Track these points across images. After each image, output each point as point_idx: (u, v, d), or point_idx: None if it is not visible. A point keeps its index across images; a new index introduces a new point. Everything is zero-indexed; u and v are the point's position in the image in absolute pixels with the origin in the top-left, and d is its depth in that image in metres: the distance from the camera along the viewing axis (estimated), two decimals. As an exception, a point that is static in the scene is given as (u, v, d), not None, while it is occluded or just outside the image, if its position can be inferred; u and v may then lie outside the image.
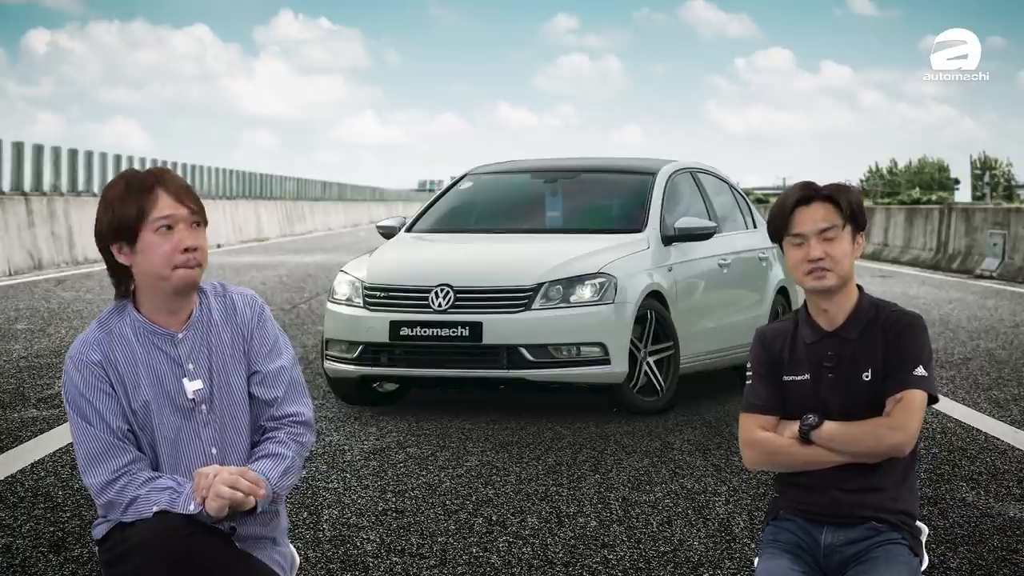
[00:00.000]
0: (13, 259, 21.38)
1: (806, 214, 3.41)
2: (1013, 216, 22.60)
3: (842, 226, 3.40)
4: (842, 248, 3.39)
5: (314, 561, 4.96)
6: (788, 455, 3.41)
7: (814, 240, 3.39)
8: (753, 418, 3.48)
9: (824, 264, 3.38)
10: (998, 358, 11.15)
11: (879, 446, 3.33)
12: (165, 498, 3.13)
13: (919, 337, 3.40)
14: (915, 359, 3.37)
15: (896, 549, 3.35)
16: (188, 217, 3.22)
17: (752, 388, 3.51)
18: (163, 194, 3.21)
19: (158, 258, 3.20)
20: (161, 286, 3.23)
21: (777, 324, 3.58)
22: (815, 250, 3.38)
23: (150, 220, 3.19)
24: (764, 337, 3.54)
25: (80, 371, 3.22)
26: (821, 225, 3.39)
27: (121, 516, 3.18)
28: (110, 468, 3.18)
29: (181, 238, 3.20)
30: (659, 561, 4.98)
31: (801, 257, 3.40)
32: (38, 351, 11.05)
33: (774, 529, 3.50)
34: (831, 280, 3.39)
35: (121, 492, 3.17)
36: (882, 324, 3.41)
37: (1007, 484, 6.34)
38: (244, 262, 25.66)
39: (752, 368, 3.53)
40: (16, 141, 25.03)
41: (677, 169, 9.55)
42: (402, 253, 8.85)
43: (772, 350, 3.49)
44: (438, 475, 6.45)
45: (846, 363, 3.41)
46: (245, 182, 43.57)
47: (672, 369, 8.43)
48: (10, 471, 6.43)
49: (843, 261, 3.39)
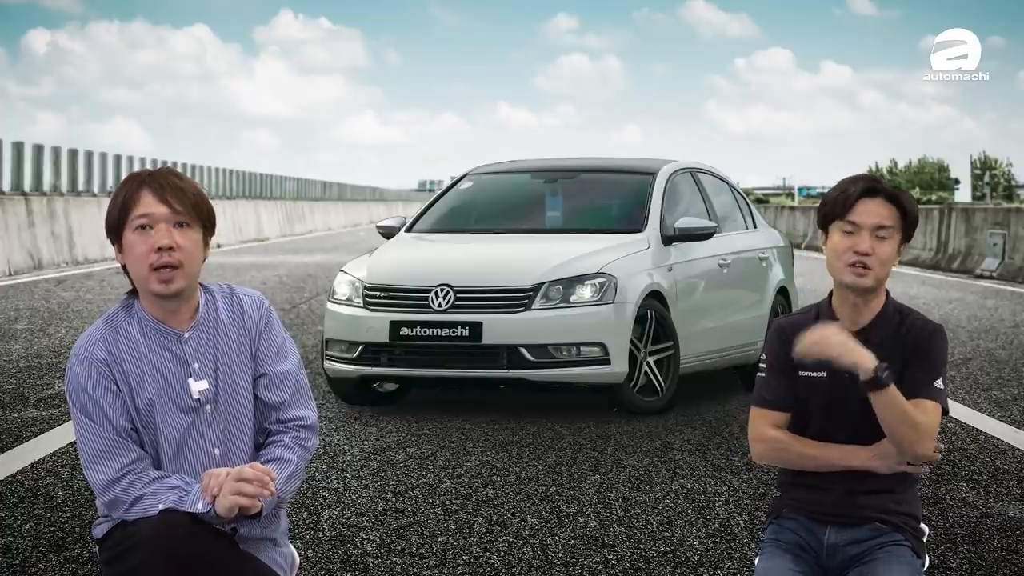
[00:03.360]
0: (13, 259, 21.37)
1: (868, 206, 3.34)
2: (1013, 216, 22.60)
3: (897, 229, 3.35)
4: (889, 251, 3.34)
5: (314, 561, 4.96)
6: (800, 456, 3.36)
7: (867, 234, 3.32)
8: (765, 414, 3.41)
9: (869, 261, 3.32)
10: (998, 358, 11.15)
11: (917, 442, 3.22)
12: (172, 497, 3.11)
13: (941, 350, 3.35)
14: (935, 371, 3.32)
15: (899, 550, 3.33)
16: (169, 216, 3.16)
17: (765, 382, 3.43)
18: (146, 192, 3.17)
19: (135, 258, 3.18)
20: (144, 288, 3.21)
21: (797, 317, 3.48)
22: (865, 243, 3.31)
23: (131, 218, 3.17)
24: (783, 331, 3.44)
25: (85, 368, 3.21)
26: (880, 221, 3.33)
27: (124, 514, 3.17)
28: (115, 466, 3.16)
29: (157, 237, 3.15)
30: (659, 561, 4.98)
31: (847, 247, 3.33)
32: (38, 351, 11.05)
33: (776, 528, 3.47)
34: (869, 280, 3.33)
35: (126, 490, 3.15)
36: (905, 332, 3.36)
37: (1007, 484, 6.34)
38: (244, 262, 25.65)
39: (767, 361, 3.44)
40: (16, 141, 25.03)
41: (677, 169, 9.55)
42: (402, 253, 8.85)
43: (791, 344, 3.37)
44: (438, 475, 6.45)
45: None
46: (245, 182, 43.57)
47: (672, 369, 8.43)
48: (10, 471, 6.43)
49: (886, 265, 3.34)
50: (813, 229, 34.81)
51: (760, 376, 3.46)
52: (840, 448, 3.36)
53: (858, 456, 3.34)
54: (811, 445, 3.38)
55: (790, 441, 3.38)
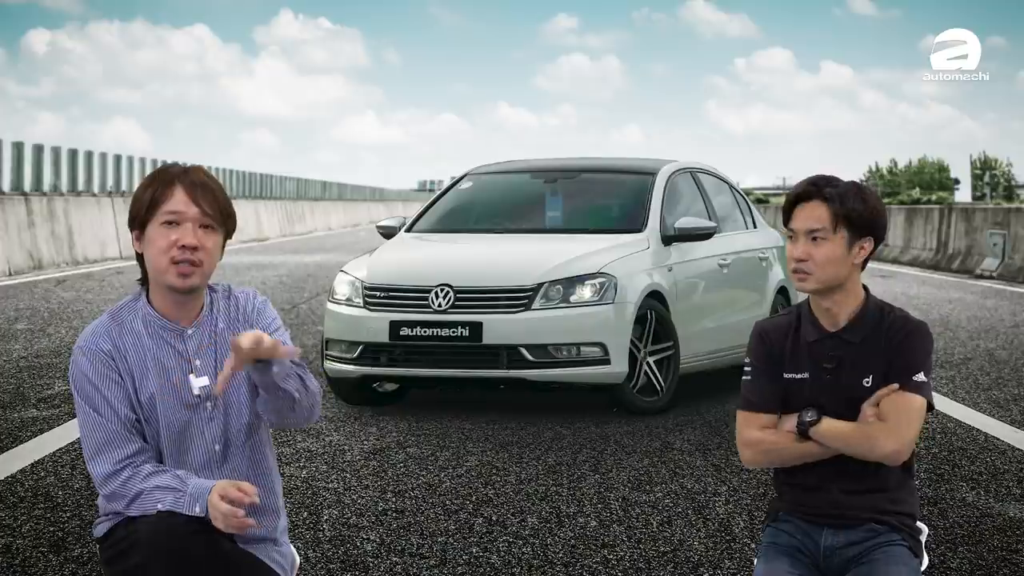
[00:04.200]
0: (13, 259, 21.37)
1: (801, 211, 3.34)
2: (1013, 216, 22.60)
3: (832, 229, 3.30)
4: (828, 252, 3.30)
5: (314, 561, 4.96)
6: (783, 450, 3.35)
7: (802, 239, 3.33)
8: (751, 417, 3.40)
9: (805, 267, 3.32)
10: (998, 358, 11.14)
11: (873, 451, 3.27)
12: (170, 499, 3.12)
13: (923, 344, 3.33)
14: (916, 365, 3.30)
15: (896, 550, 3.32)
16: (198, 217, 3.21)
17: (750, 385, 3.42)
18: (179, 190, 3.21)
19: (157, 251, 3.21)
20: (160, 280, 3.24)
21: (777, 319, 3.48)
22: (798, 250, 3.33)
23: (159, 212, 3.21)
24: (764, 332, 3.44)
25: (89, 359, 3.23)
26: (809, 225, 3.32)
27: (124, 509, 3.18)
28: (114, 458, 3.18)
29: (182, 235, 3.20)
30: (659, 561, 4.98)
31: (790, 253, 3.37)
32: (38, 351, 11.05)
33: (773, 531, 3.46)
34: (810, 284, 3.33)
35: (125, 484, 3.17)
36: (886, 329, 3.34)
37: (1007, 484, 6.34)
38: (244, 262, 25.65)
39: (751, 364, 3.43)
40: (16, 141, 25.04)
41: (677, 169, 9.55)
42: (402, 253, 8.85)
43: (772, 346, 3.40)
44: (438, 475, 6.45)
45: (847, 367, 3.34)
46: (245, 182, 43.58)
47: (672, 369, 8.43)
48: (10, 471, 6.43)
49: (827, 267, 3.30)
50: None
51: (745, 379, 3.45)
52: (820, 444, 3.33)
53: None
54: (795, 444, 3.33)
55: (775, 439, 3.36)
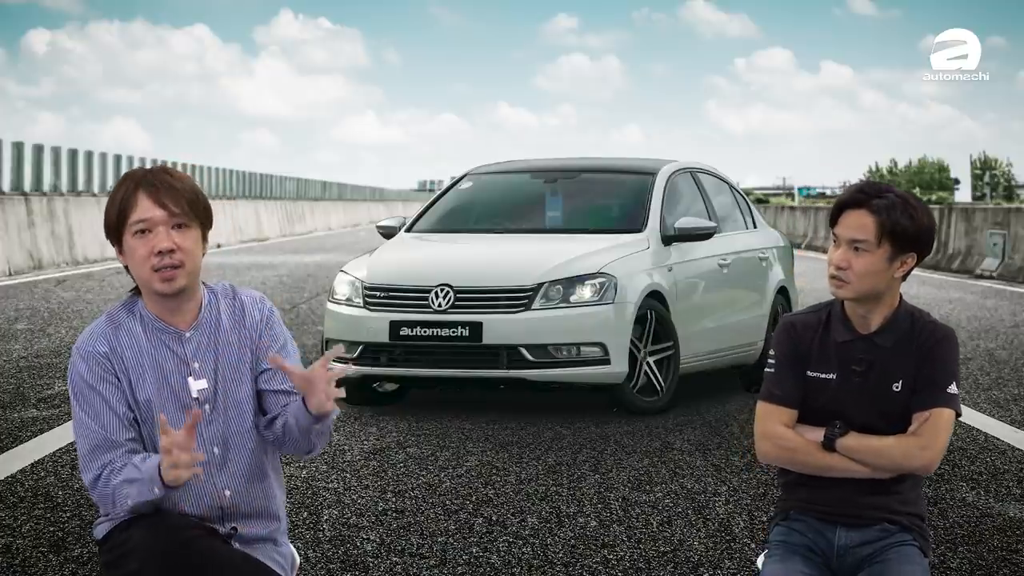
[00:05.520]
0: (13, 259, 21.37)
1: (847, 218, 3.32)
2: (1013, 216, 22.60)
3: (876, 243, 3.28)
4: (867, 264, 3.28)
5: (314, 561, 4.96)
6: (807, 456, 3.33)
7: (844, 246, 3.31)
8: (774, 409, 3.37)
9: (842, 275, 3.30)
10: (998, 358, 11.15)
11: (905, 463, 3.27)
12: (134, 491, 3.10)
13: (953, 353, 3.33)
14: (948, 377, 3.30)
15: (909, 550, 3.33)
16: (167, 219, 3.16)
17: (774, 377, 3.39)
18: (142, 196, 3.17)
19: (138, 261, 3.18)
20: (147, 288, 3.22)
21: (807, 315, 3.44)
22: (838, 255, 3.31)
23: (130, 223, 3.17)
24: (793, 327, 3.41)
25: (86, 362, 3.22)
26: (852, 234, 3.29)
27: (114, 511, 3.17)
28: (97, 464, 3.17)
29: (157, 240, 3.16)
30: (659, 561, 4.98)
31: (830, 257, 3.35)
32: (38, 351, 11.05)
33: (784, 530, 3.43)
34: (846, 292, 3.31)
35: (105, 486, 3.15)
36: (917, 336, 3.34)
37: (1007, 484, 6.34)
38: (244, 262, 25.65)
39: (776, 357, 3.40)
40: (16, 141, 25.02)
41: (677, 169, 9.55)
42: (402, 253, 8.85)
43: (800, 342, 3.37)
44: (438, 475, 6.45)
45: (876, 371, 3.33)
46: (245, 182, 43.57)
47: (672, 369, 8.43)
48: (10, 471, 6.43)
49: (865, 278, 3.29)
50: (813, 229, 34.83)
51: (768, 372, 3.42)
52: (843, 460, 3.32)
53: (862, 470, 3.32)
54: (818, 452, 3.33)
55: (798, 443, 3.34)
